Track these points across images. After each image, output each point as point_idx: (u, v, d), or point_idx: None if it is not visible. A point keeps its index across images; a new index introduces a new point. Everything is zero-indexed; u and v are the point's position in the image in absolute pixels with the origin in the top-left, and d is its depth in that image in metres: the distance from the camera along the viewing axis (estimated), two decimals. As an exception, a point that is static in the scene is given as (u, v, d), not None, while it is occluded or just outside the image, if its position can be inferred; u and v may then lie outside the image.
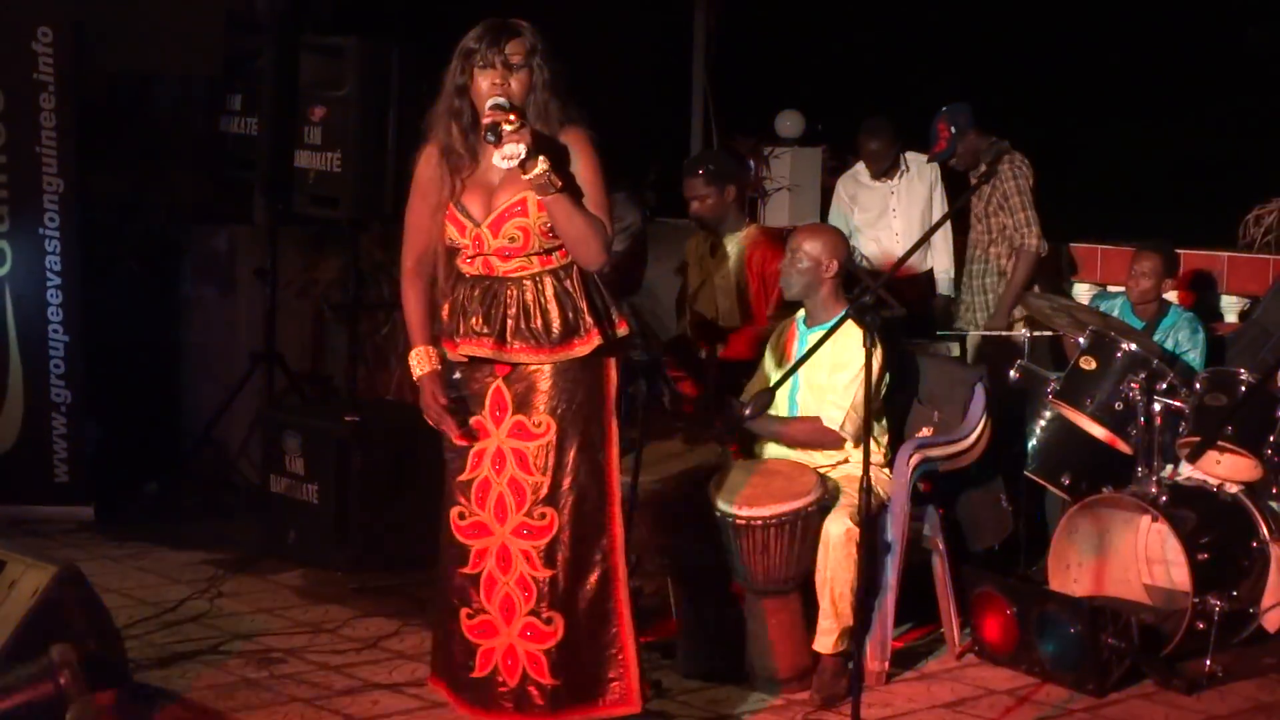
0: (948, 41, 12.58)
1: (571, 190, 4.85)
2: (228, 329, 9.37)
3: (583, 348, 4.94)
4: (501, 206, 4.91)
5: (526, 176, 4.76)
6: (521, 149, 4.71)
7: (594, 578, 4.98)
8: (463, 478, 5.01)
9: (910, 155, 8.62)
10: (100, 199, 9.03)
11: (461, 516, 5.01)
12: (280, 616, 6.83)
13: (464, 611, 5.02)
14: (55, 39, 8.06)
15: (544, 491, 4.93)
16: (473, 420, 5.00)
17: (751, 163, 10.01)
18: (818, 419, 6.16)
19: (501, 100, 4.79)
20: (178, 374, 9.55)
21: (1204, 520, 6.43)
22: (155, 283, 9.52)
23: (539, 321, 4.91)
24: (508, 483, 4.96)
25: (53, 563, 5.46)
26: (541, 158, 4.74)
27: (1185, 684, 6.12)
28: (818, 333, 6.07)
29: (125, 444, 8.83)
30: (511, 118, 4.73)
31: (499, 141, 4.73)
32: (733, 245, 7.35)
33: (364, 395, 8.56)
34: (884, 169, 8.56)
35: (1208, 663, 6.19)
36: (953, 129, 8.12)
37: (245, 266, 9.22)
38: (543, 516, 4.93)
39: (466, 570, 5.01)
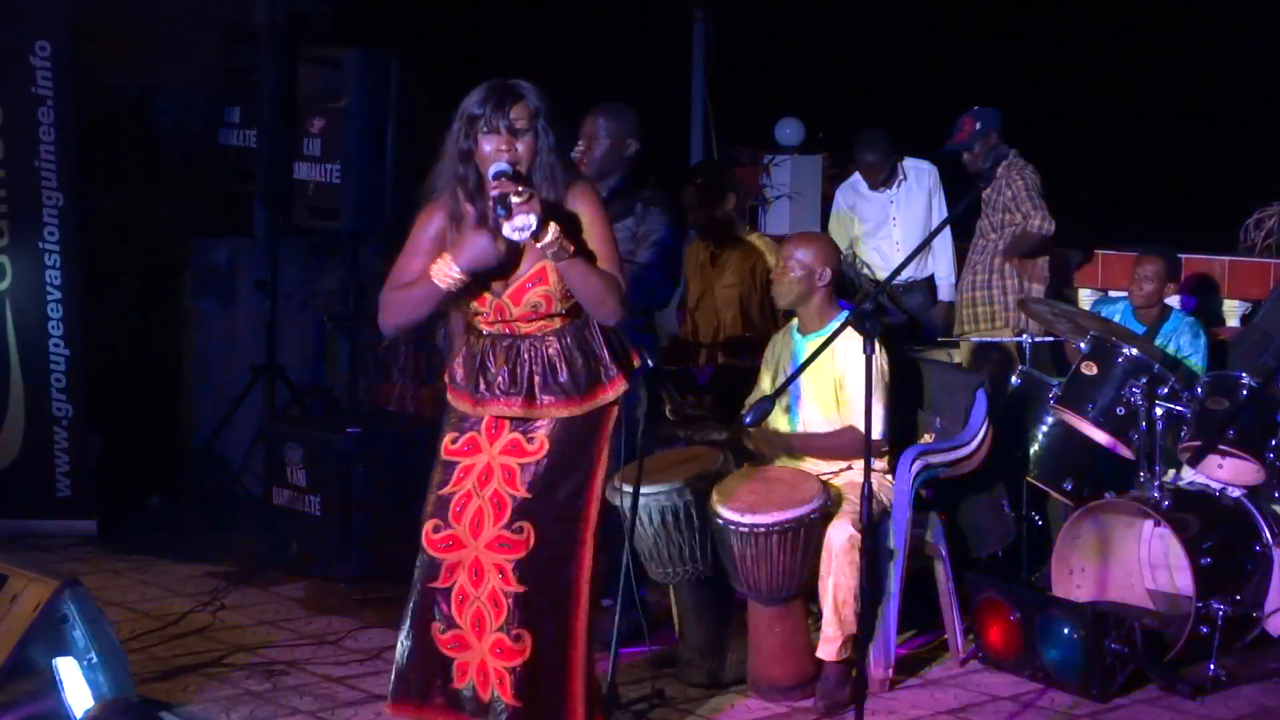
0: (949, 49, 12.58)
1: (584, 253, 4.85)
2: (228, 341, 9.37)
3: (607, 395, 4.96)
4: (521, 277, 4.91)
5: (539, 245, 4.75)
6: (532, 219, 4.69)
7: (559, 600, 4.95)
8: (443, 491, 5.00)
9: (909, 163, 8.63)
10: (100, 212, 9.03)
11: (436, 529, 5.00)
12: (283, 628, 6.83)
13: (434, 626, 4.99)
14: (53, 53, 8.07)
15: (526, 507, 4.91)
16: (463, 438, 4.99)
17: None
18: (853, 428, 6.11)
19: (504, 166, 4.77)
20: (179, 387, 9.55)
21: (1206, 525, 6.42)
22: (156, 296, 9.52)
23: (565, 375, 4.92)
24: (489, 497, 4.95)
25: (55, 576, 5.45)
26: (552, 225, 4.73)
27: (1189, 689, 6.11)
28: (814, 340, 6.06)
29: (127, 457, 8.83)
30: (519, 189, 4.71)
31: (509, 214, 4.70)
32: (733, 253, 7.35)
33: (365, 407, 8.56)
34: (881, 179, 8.57)
35: (1211, 667, 6.18)
36: (978, 125, 8.15)
37: (246, 279, 9.23)
38: (520, 530, 4.92)
39: (437, 585, 4.99)
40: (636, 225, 6.54)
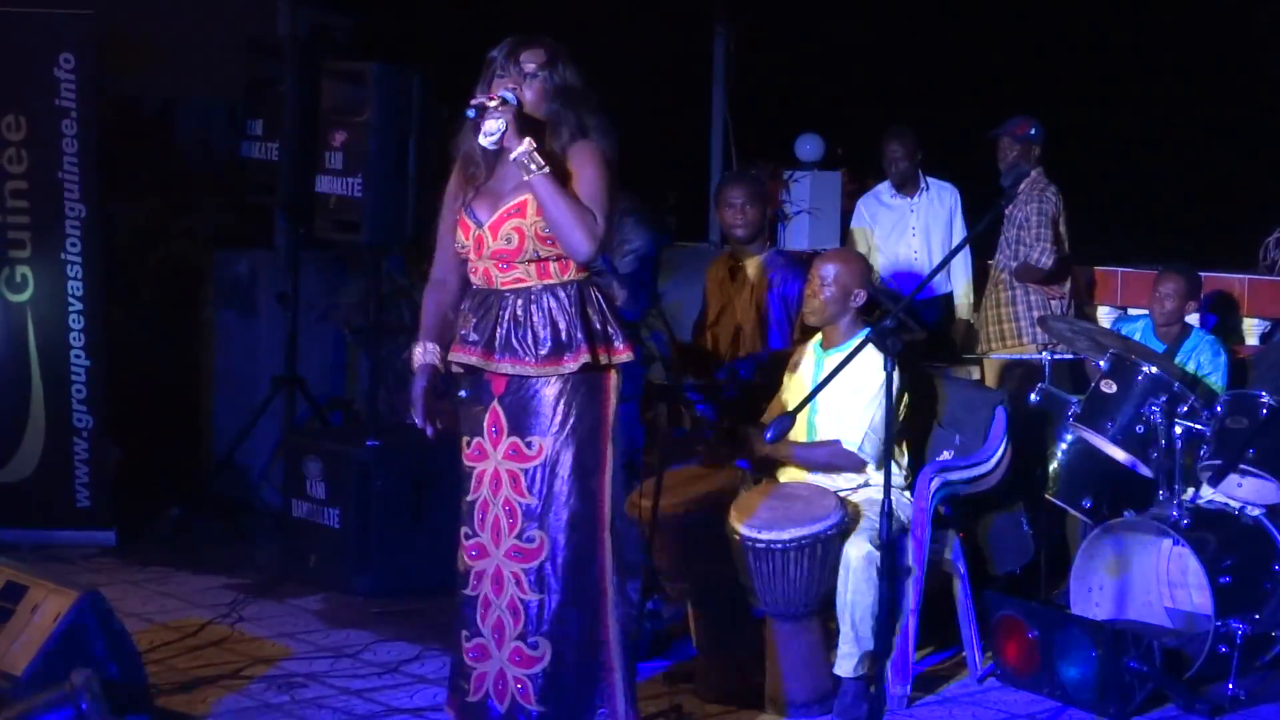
0: (970, 65, 12.58)
1: (559, 177, 4.88)
2: (249, 353, 9.39)
3: (571, 364, 4.95)
4: (502, 208, 4.95)
5: (512, 158, 4.84)
6: (502, 124, 4.81)
7: (582, 604, 4.97)
8: (468, 498, 5.04)
9: (932, 180, 8.66)
10: (122, 224, 9.06)
11: (467, 537, 5.05)
12: (301, 641, 6.84)
13: (463, 634, 5.03)
14: (77, 65, 8.10)
15: (535, 514, 4.94)
16: (473, 443, 5.02)
17: None
18: (837, 442, 6.16)
19: (503, 92, 4.87)
20: (199, 399, 9.57)
21: (1225, 543, 6.41)
22: (177, 307, 9.54)
23: (529, 335, 4.94)
24: (502, 504, 4.98)
25: (75, 587, 5.47)
26: (528, 140, 4.81)
27: (1208, 708, 6.10)
28: (835, 355, 6.07)
29: (147, 469, 8.85)
30: (494, 97, 4.84)
31: (480, 117, 4.80)
32: (753, 267, 7.35)
33: (385, 419, 8.57)
34: (905, 176, 8.59)
35: (1230, 686, 6.17)
36: (1032, 130, 8.16)
37: (267, 291, 9.25)
38: (531, 540, 4.94)
39: (468, 592, 5.03)
40: (599, 232, 6.58)
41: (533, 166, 4.82)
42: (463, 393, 5.07)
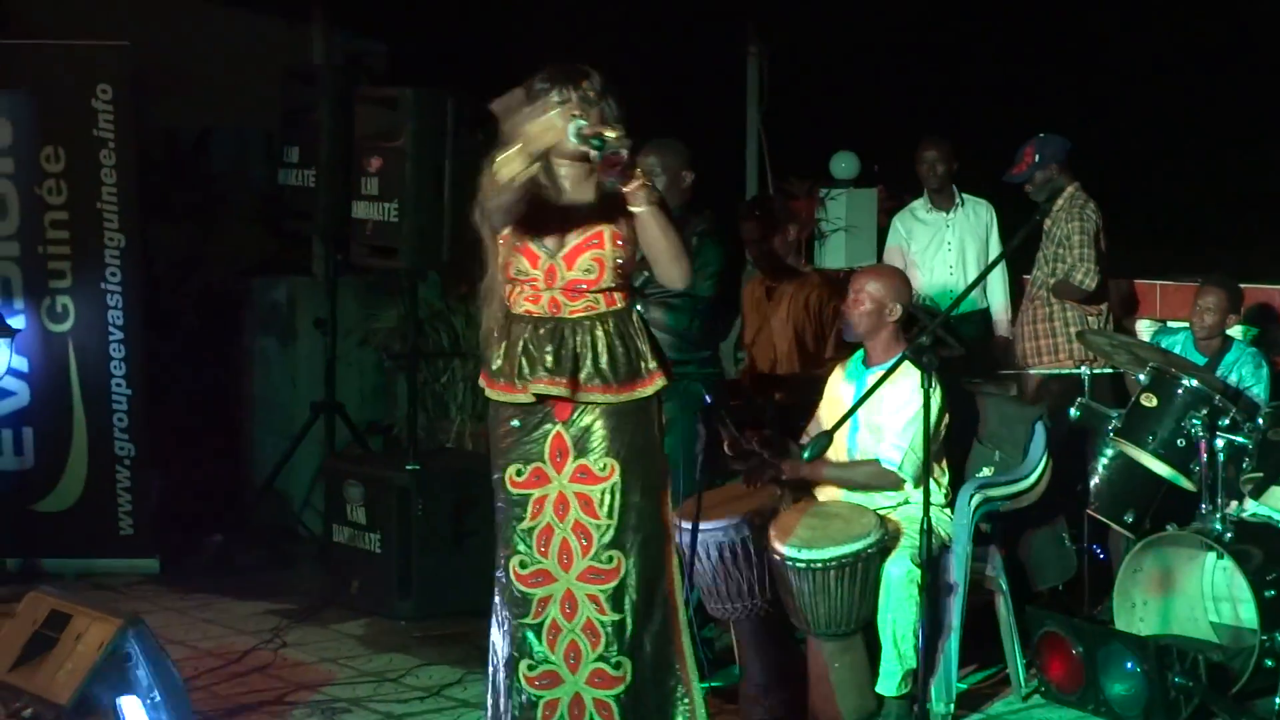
0: (1004, 82, 12.57)
1: (665, 204, 4.89)
2: (288, 380, 9.42)
3: (646, 388, 4.95)
4: (577, 239, 4.91)
5: (629, 188, 4.79)
6: (624, 154, 4.74)
7: (658, 620, 4.97)
8: (524, 525, 4.98)
9: (966, 195, 8.65)
10: (161, 253, 9.11)
11: (523, 565, 4.98)
12: (344, 666, 6.85)
13: (524, 664, 4.99)
14: (115, 96, 8.15)
15: (610, 534, 4.92)
16: (529, 469, 4.99)
17: None
18: (875, 461, 6.15)
19: (582, 122, 4.79)
20: (239, 425, 9.60)
21: (1270, 556, 6.37)
22: (216, 335, 9.58)
23: (606, 361, 4.92)
24: (572, 527, 4.95)
25: (118, 615, 5.48)
26: (639, 170, 4.80)
27: (1255, 722, 6.07)
28: (876, 373, 6.06)
29: (189, 496, 8.88)
30: (618, 131, 4.76)
31: (604, 148, 4.73)
32: (788, 287, 7.36)
33: (425, 444, 8.58)
34: (941, 182, 8.58)
35: (1277, 701, 6.12)
36: (1038, 157, 8.11)
37: (305, 317, 9.28)
38: (610, 560, 4.92)
39: (528, 620, 4.98)
40: (692, 259, 6.56)
41: (653, 194, 4.83)
42: (515, 422, 5.03)
